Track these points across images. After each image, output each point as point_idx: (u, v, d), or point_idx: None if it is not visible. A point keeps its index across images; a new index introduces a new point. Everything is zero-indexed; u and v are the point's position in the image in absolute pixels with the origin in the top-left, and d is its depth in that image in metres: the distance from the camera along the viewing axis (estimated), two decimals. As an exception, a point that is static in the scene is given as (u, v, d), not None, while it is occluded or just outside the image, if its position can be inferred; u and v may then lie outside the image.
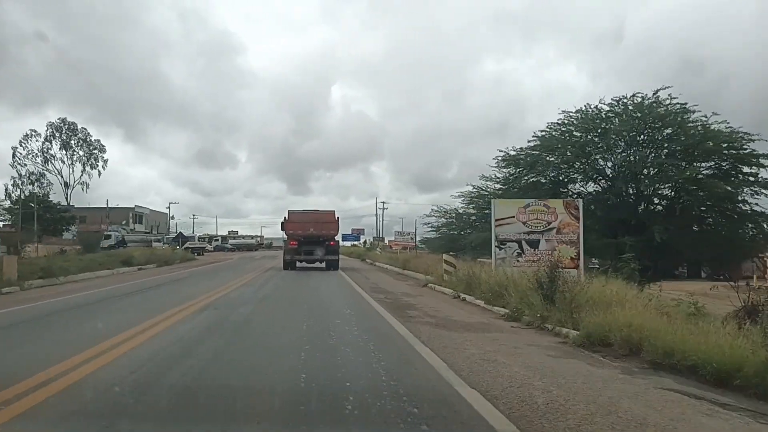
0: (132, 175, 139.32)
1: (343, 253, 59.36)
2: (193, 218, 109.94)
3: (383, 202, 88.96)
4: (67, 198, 67.99)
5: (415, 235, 55.03)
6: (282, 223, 29.03)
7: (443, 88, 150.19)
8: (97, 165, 67.96)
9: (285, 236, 29.28)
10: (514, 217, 14.21)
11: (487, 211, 31.80)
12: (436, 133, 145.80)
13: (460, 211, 33.38)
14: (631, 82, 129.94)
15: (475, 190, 31.49)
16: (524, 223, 14.14)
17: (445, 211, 33.94)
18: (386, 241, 75.75)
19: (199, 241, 65.23)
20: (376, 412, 4.12)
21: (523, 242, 14.09)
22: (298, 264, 27.90)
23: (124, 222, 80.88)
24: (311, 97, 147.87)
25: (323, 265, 28.07)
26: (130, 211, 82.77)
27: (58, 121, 65.72)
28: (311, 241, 27.16)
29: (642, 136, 24.30)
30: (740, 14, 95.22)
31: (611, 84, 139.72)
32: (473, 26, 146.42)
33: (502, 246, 14.22)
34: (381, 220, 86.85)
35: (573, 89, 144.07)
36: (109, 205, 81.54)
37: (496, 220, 14.36)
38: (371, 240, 73.50)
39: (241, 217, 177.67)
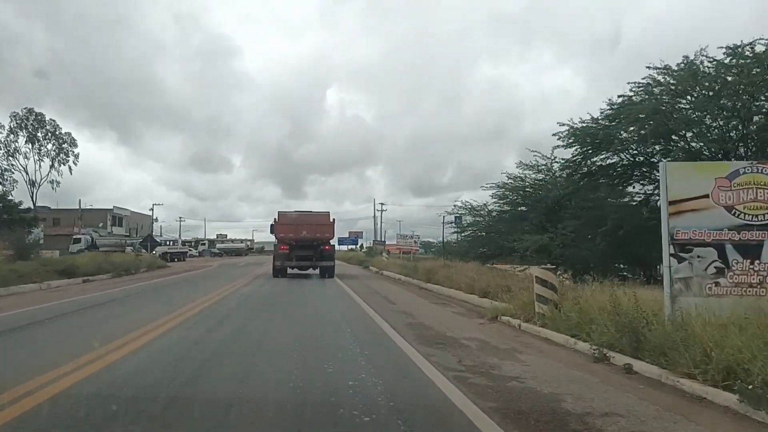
0: (125, 179, 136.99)
1: (340, 258, 52.19)
2: (180, 221, 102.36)
3: (381, 204, 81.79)
4: (32, 197, 60.15)
5: (443, 237, 47.59)
6: (271, 225, 25.43)
7: (439, 93, 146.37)
8: (68, 161, 60.03)
9: (276, 240, 25.52)
10: (708, 197, 7.05)
11: (524, 209, 24.66)
12: (432, 138, 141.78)
13: (489, 208, 26.01)
14: (628, 86, 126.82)
15: (510, 180, 24.25)
16: (730, 208, 6.99)
17: (471, 208, 26.58)
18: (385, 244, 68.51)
19: (179, 245, 57.55)
20: None
21: (728, 247, 6.94)
22: (289, 270, 24.71)
23: (101, 224, 73.27)
24: (307, 101, 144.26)
25: (317, 272, 24.97)
26: (108, 213, 75.17)
27: (23, 111, 57.91)
28: (304, 245, 23.90)
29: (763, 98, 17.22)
30: (736, 18, 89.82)
31: (608, 88, 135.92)
32: (470, 31, 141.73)
33: (683, 255, 7.05)
34: (380, 222, 79.63)
35: (570, 93, 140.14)
36: (87, 207, 74.28)
37: (672, 203, 7.16)
38: (371, 244, 66.16)
39: (235, 221, 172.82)
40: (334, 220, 25.18)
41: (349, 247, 71.59)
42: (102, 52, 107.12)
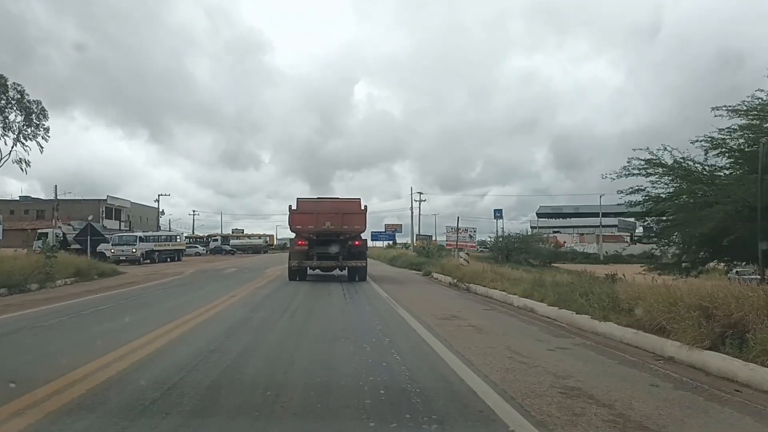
0: (155, 176, 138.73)
1: (377, 258, 38.77)
2: (194, 214, 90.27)
3: (420, 193, 67.47)
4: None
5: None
6: (289, 216, 18.74)
7: (469, 86, 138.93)
8: (37, 135, 47.15)
9: (293, 234, 19.32)
10: None
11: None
12: (461, 132, 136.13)
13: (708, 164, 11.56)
14: (667, 76, 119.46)
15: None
16: None
17: (672, 165, 11.99)
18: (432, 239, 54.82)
19: (179, 240, 44.32)
20: None
21: None
22: (309, 271, 19.21)
23: (90, 217, 61.04)
24: (335, 96, 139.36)
25: (344, 273, 19.10)
26: (101, 204, 62.96)
27: (-22, 72, 45.24)
28: (327, 240, 18.10)
29: None
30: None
31: (646, 79, 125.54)
32: (502, 21, 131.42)
33: None
34: (418, 214, 65.60)
35: (606, 85, 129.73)
36: (78, 198, 62.45)
37: None
38: (409, 240, 52.28)
39: (262, 217, 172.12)
40: (365, 207, 19.06)
41: (386, 243, 58.10)
42: (133, 48, 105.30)
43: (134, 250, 36.58)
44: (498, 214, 41.84)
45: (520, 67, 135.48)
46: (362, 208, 18.90)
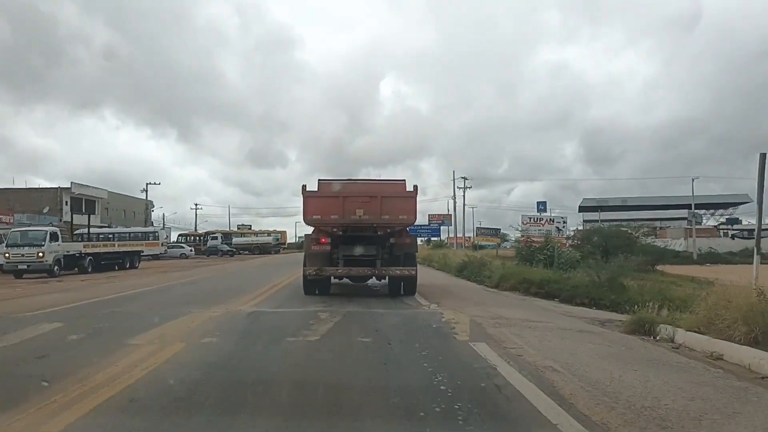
0: (182, 176, 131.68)
1: (422, 259, 25.14)
2: (196, 208, 76.07)
3: (464, 179, 51.99)
4: None
5: None
6: (303, 201, 12.14)
7: (498, 80, 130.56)
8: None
9: (310, 228, 13.33)
10: None
11: None
12: (489, 128, 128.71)
13: None
14: (705, 67, 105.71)
15: None
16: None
17: None
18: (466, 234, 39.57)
19: (126, 239, 29.70)
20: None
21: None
22: (333, 280, 12.92)
23: (46, 209, 47.46)
24: (362, 93, 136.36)
25: (383, 282, 13.19)
26: (62, 193, 49.11)
27: None
28: (359, 236, 11.92)
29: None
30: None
31: (682, 70, 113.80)
32: (534, 12, 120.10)
33: None
34: (462, 204, 50.31)
35: (640, 76, 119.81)
36: (32, 186, 48.97)
37: None
38: (445, 238, 37.14)
39: (287, 216, 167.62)
40: (416, 188, 12.06)
41: (430, 239, 43.14)
42: (162, 47, 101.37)
43: (41, 254, 22.28)
44: (542, 207, 37.06)
45: (552, 59, 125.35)
46: (410, 191, 12.07)
